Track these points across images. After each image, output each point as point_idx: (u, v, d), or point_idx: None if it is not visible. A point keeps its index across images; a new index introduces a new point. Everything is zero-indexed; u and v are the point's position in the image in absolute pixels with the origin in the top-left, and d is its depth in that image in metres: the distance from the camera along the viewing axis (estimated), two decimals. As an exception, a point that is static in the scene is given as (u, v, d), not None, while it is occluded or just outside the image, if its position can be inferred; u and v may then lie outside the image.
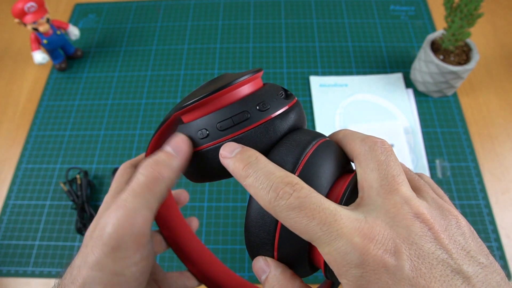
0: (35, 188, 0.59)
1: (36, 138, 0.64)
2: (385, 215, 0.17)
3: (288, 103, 0.23)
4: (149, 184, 0.21)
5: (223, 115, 0.21)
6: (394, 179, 0.18)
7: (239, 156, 0.20)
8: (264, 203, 0.18)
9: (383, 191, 0.17)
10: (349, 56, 0.70)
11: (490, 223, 0.53)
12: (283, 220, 0.17)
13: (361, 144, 0.20)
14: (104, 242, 0.20)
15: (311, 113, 0.64)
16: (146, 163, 0.22)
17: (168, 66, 0.71)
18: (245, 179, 0.19)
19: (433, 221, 0.16)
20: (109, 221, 0.20)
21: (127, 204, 0.20)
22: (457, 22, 0.56)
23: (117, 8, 0.80)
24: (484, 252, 0.16)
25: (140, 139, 0.63)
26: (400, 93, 0.65)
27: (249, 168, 0.19)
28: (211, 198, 0.57)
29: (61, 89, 0.69)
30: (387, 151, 0.19)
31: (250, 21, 0.76)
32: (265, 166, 0.19)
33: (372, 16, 0.75)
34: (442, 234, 0.16)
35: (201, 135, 0.22)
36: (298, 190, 0.17)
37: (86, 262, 0.20)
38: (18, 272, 0.53)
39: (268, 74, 0.69)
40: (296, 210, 0.17)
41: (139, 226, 0.21)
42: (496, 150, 0.59)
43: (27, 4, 0.60)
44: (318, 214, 0.16)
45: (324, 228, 0.16)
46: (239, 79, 0.22)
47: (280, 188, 0.17)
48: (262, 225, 0.19)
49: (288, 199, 0.17)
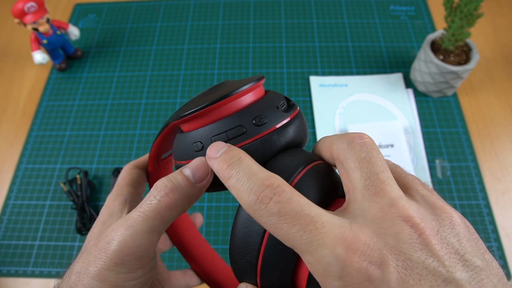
0: (35, 188, 0.59)
1: (36, 138, 0.64)
2: (372, 221, 0.15)
3: (288, 116, 0.22)
4: (161, 211, 0.20)
5: (218, 129, 0.21)
6: (378, 178, 0.17)
7: (223, 156, 0.19)
8: (245, 206, 0.17)
9: (368, 193, 0.16)
10: (349, 56, 0.70)
11: (490, 223, 0.53)
12: (264, 225, 0.16)
13: (338, 144, 0.19)
14: (107, 256, 0.20)
15: (311, 113, 0.64)
16: (162, 185, 0.21)
17: (168, 66, 0.71)
18: (228, 180, 0.18)
19: (423, 225, 0.15)
20: (116, 237, 0.20)
21: (137, 226, 0.20)
22: (457, 22, 0.56)
23: (117, 8, 0.80)
24: (481, 251, 0.15)
25: (140, 139, 0.63)
26: (400, 93, 0.65)
27: (232, 169, 0.18)
28: (211, 198, 0.57)
29: (61, 89, 0.69)
30: (366, 146, 0.18)
31: (250, 21, 0.76)
32: (248, 166, 0.18)
33: (372, 16, 0.75)
34: (433, 239, 0.15)
35: (196, 147, 0.21)
36: (279, 194, 0.16)
37: (87, 271, 0.20)
38: (18, 272, 0.53)
39: (268, 74, 0.69)
40: (276, 216, 0.16)
41: (144, 249, 0.20)
42: (496, 150, 0.59)
43: (27, 4, 0.60)
44: (298, 221, 0.15)
45: (305, 236, 0.15)
46: (238, 89, 0.21)
47: (260, 191, 0.16)
48: (244, 254, 0.19)
49: (268, 203, 0.16)
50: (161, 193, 0.20)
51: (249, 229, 0.19)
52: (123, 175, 0.29)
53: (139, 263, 0.21)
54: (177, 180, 0.21)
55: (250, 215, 0.17)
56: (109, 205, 0.27)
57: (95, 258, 0.20)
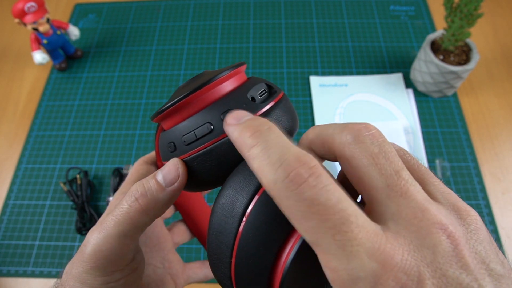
0: (35, 188, 0.59)
1: (36, 138, 0.64)
2: (406, 229, 0.14)
3: (265, 106, 0.19)
4: (131, 216, 0.20)
5: (188, 127, 0.19)
6: (400, 176, 0.15)
7: (249, 122, 0.16)
8: (267, 181, 0.14)
9: (393, 193, 0.15)
10: (349, 56, 0.70)
11: (490, 223, 0.53)
12: (288, 210, 0.14)
13: (341, 136, 0.16)
14: (83, 260, 0.20)
15: (311, 113, 0.64)
16: (133, 190, 0.20)
17: (168, 66, 0.71)
18: (250, 149, 0.15)
19: (457, 235, 0.14)
20: (91, 241, 0.20)
21: (108, 230, 0.20)
22: (457, 22, 0.56)
23: (117, 8, 0.80)
24: (500, 258, 0.15)
25: (140, 139, 0.63)
26: (400, 93, 0.65)
27: (258, 137, 0.15)
28: (211, 198, 0.57)
29: (61, 89, 0.69)
30: (377, 139, 0.16)
31: (250, 21, 0.76)
32: (278, 137, 0.15)
33: (372, 16, 0.75)
34: (466, 252, 0.14)
35: (170, 148, 0.20)
36: (316, 176, 0.13)
37: (71, 273, 0.21)
38: (18, 272, 0.53)
39: (268, 74, 0.69)
40: (307, 203, 0.13)
41: (117, 252, 0.20)
42: (496, 150, 0.59)
43: (27, 4, 0.60)
44: (333, 216, 0.13)
45: (339, 237, 0.13)
46: (209, 81, 0.19)
47: (293, 168, 0.14)
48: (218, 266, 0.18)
49: (301, 185, 0.13)
50: (131, 198, 0.20)
51: (219, 241, 0.17)
52: (132, 171, 0.29)
53: (114, 267, 0.21)
54: (148, 185, 0.20)
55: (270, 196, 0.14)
56: (112, 204, 0.27)
57: (76, 260, 0.21)
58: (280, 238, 0.16)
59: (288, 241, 0.16)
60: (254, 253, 0.16)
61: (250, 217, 0.16)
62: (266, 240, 0.16)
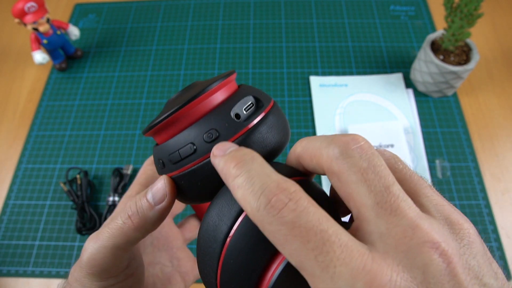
0: (35, 188, 0.59)
1: (36, 138, 0.64)
2: (395, 249, 0.13)
3: (249, 123, 0.19)
4: (124, 231, 0.21)
5: (173, 147, 0.19)
6: (390, 192, 0.14)
7: (233, 153, 0.17)
8: (251, 210, 0.14)
9: (382, 211, 0.14)
10: (349, 56, 0.70)
11: (490, 223, 0.53)
12: (271, 235, 0.14)
13: (328, 151, 0.16)
14: (81, 266, 0.22)
15: (311, 113, 0.64)
16: (127, 208, 0.22)
17: (168, 66, 0.71)
18: (234, 179, 0.16)
19: (450, 252, 0.13)
20: (87, 249, 0.22)
21: (103, 241, 0.22)
22: (457, 22, 0.56)
23: (117, 8, 0.80)
24: (494, 270, 0.14)
25: (140, 139, 0.63)
26: (400, 93, 0.65)
27: (242, 167, 0.16)
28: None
29: (61, 89, 0.69)
30: (365, 153, 0.15)
31: (250, 21, 0.76)
32: (260, 166, 0.16)
33: (372, 16, 0.75)
34: (459, 269, 0.13)
35: (159, 165, 0.21)
36: (295, 200, 0.14)
37: (74, 275, 0.23)
38: (18, 272, 0.53)
39: (268, 74, 0.69)
40: (288, 226, 0.13)
41: (110, 262, 0.22)
42: (496, 150, 0.59)
43: (27, 4, 0.60)
44: (314, 237, 0.13)
45: (320, 258, 0.13)
46: (194, 97, 0.19)
47: (273, 194, 0.14)
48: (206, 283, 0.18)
49: (281, 209, 0.14)
50: (125, 216, 0.22)
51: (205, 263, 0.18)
52: (140, 173, 0.31)
53: (108, 274, 0.22)
54: (140, 203, 0.21)
55: (254, 223, 0.15)
56: (119, 207, 0.29)
57: (77, 265, 0.23)
58: (261, 262, 0.16)
59: (271, 265, 0.16)
60: (236, 277, 0.16)
61: (232, 242, 0.17)
62: (248, 264, 0.16)
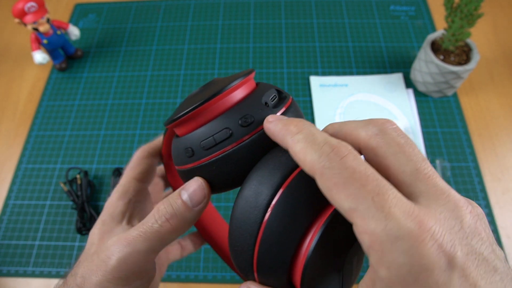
0: (35, 188, 0.59)
1: (36, 138, 0.64)
2: (437, 203, 0.15)
3: (278, 111, 0.21)
4: (161, 234, 0.21)
5: (206, 133, 0.20)
6: (426, 163, 0.16)
7: (291, 118, 0.19)
8: (311, 159, 0.16)
9: (422, 176, 0.16)
10: (349, 56, 0.70)
11: (490, 223, 0.53)
12: (329, 180, 0.15)
13: (367, 129, 0.18)
14: (107, 270, 0.22)
15: (311, 113, 0.64)
16: (163, 211, 0.22)
17: (168, 66, 0.71)
18: (295, 135, 0.17)
19: (475, 214, 0.16)
20: (115, 253, 0.22)
21: (136, 245, 0.22)
22: (457, 22, 0.56)
23: (117, 8, 0.80)
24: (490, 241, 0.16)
25: (140, 139, 0.63)
26: (400, 93, 0.65)
27: (302, 126, 0.18)
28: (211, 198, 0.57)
29: (61, 89, 0.69)
30: (401, 132, 0.17)
31: (250, 21, 0.76)
32: (318, 129, 0.18)
33: (372, 16, 0.75)
34: (482, 230, 0.16)
35: (187, 153, 0.21)
36: (354, 154, 0.16)
37: (91, 279, 0.22)
38: (18, 272, 0.53)
39: (268, 74, 0.69)
40: (349, 170, 0.15)
41: (142, 265, 0.22)
42: (496, 150, 0.59)
43: (27, 4, 0.60)
44: (372, 182, 0.15)
45: (377, 198, 0.14)
46: (223, 89, 0.20)
47: (335, 146, 0.16)
48: (240, 254, 0.19)
49: (344, 157, 0.15)
50: (162, 218, 0.21)
51: (243, 230, 0.18)
52: (133, 165, 0.28)
53: (137, 277, 0.22)
54: (176, 206, 0.22)
55: (310, 173, 0.16)
56: (112, 203, 0.27)
57: (97, 268, 0.22)
58: (302, 228, 0.17)
59: (308, 232, 0.18)
60: (278, 241, 0.17)
61: (275, 208, 0.18)
62: (290, 229, 0.17)
